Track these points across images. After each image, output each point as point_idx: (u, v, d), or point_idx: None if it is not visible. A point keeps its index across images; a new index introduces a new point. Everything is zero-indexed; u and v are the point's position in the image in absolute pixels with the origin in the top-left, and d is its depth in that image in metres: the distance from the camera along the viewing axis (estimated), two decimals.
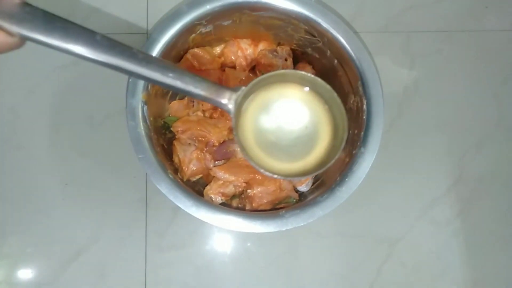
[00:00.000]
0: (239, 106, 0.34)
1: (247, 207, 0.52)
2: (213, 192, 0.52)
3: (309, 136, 0.37)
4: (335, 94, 0.35)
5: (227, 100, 0.34)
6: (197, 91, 0.33)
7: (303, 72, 0.35)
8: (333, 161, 0.35)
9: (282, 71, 0.36)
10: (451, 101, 0.65)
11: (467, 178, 0.62)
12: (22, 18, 0.27)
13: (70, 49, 0.29)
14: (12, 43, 0.27)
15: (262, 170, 0.34)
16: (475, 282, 0.60)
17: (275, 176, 0.35)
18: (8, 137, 0.59)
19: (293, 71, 0.36)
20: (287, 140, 0.37)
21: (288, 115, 0.37)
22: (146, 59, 0.31)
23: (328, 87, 0.35)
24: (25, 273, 0.57)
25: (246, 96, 0.35)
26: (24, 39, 0.28)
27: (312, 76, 0.35)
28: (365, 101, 0.49)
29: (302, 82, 0.36)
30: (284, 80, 0.36)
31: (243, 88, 0.34)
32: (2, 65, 0.61)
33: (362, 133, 0.48)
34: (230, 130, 0.55)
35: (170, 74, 0.32)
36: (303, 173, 0.37)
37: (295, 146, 0.37)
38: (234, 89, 0.34)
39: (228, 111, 0.34)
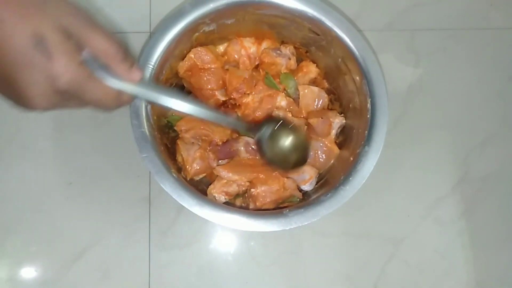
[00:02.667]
0: None
1: (251, 206, 0.52)
2: (217, 191, 0.52)
3: None
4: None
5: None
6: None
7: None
8: None
9: None
10: (456, 100, 0.64)
11: (472, 177, 0.62)
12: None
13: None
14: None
15: None
16: (480, 282, 0.60)
17: None
18: (13, 136, 0.59)
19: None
20: None
21: None
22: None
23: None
24: (29, 272, 0.57)
25: None
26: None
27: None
28: (369, 99, 0.49)
29: None
30: None
31: None
32: None
33: (366, 131, 0.48)
34: (233, 129, 0.55)
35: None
36: None
37: None
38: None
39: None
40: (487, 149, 0.63)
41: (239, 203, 0.54)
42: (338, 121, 0.54)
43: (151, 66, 0.48)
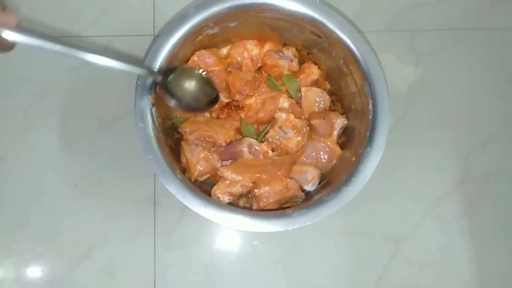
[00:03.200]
0: None
1: (254, 207, 0.52)
2: (221, 191, 0.53)
3: None
4: None
5: None
6: None
7: None
8: None
9: None
10: (456, 99, 0.65)
11: (473, 176, 0.63)
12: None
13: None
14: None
15: None
16: (481, 280, 0.60)
17: None
18: (20, 138, 0.60)
19: None
20: None
21: None
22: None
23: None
24: (36, 271, 0.58)
25: None
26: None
27: None
28: (371, 101, 0.49)
29: None
30: None
31: None
32: (14, 68, 0.62)
33: (368, 132, 0.49)
34: (237, 130, 0.55)
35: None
36: None
37: None
38: None
39: None
40: (488, 148, 0.63)
41: (242, 203, 0.55)
42: (340, 122, 0.54)
43: (156, 69, 0.48)
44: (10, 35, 0.36)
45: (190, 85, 0.50)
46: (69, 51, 0.38)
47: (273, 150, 0.55)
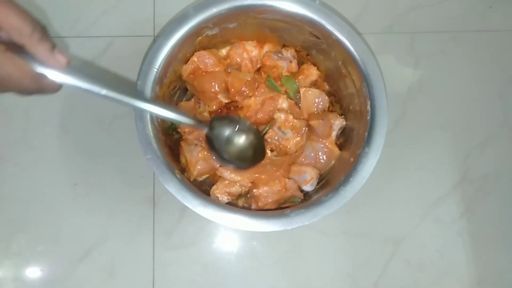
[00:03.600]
0: None
1: (253, 207, 0.53)
2: (220, 191, 0.53)
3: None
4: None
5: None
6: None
7: None
8: None
9: None
10: (455, 101, 0.65)
11: (472, 177, 0.63)
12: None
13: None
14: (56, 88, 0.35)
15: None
16: (480, 281, 0.60)
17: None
18: (20, 138, 0.60)
19: None
20: None
21: None
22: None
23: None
24: (36, 271, 0.58)
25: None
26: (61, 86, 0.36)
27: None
28: (369, 102, 0.49)
29: None
30: None
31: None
32: None
33: (366, 133, 0.49)
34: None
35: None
36: None
37: None
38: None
39: None
40: (487, 149, 0.64)
41: (241, 203, 0.55)
42: (338, 122, 0.55)
43: (155, 70, 0.48)
44: (58, 77, 0.34)
45: (236, 138, 0.49)
46: (119, 97, 0.37)
47: (272, 151, 0.55)
